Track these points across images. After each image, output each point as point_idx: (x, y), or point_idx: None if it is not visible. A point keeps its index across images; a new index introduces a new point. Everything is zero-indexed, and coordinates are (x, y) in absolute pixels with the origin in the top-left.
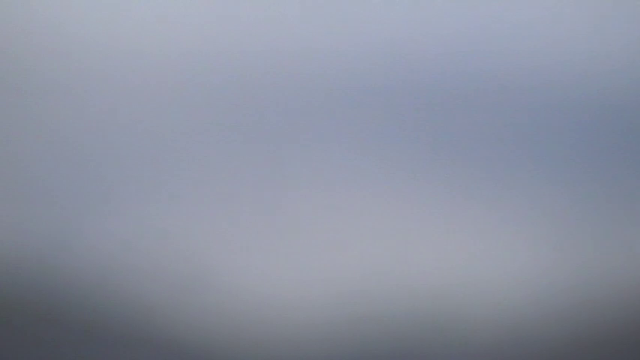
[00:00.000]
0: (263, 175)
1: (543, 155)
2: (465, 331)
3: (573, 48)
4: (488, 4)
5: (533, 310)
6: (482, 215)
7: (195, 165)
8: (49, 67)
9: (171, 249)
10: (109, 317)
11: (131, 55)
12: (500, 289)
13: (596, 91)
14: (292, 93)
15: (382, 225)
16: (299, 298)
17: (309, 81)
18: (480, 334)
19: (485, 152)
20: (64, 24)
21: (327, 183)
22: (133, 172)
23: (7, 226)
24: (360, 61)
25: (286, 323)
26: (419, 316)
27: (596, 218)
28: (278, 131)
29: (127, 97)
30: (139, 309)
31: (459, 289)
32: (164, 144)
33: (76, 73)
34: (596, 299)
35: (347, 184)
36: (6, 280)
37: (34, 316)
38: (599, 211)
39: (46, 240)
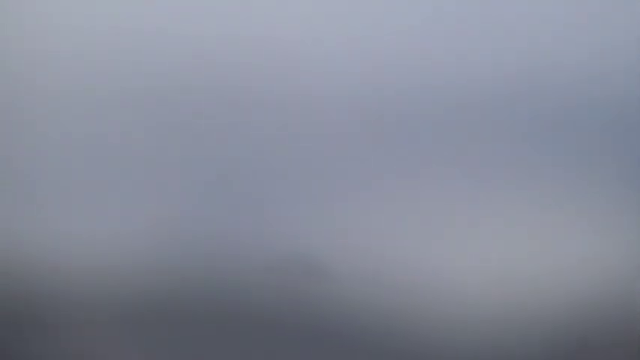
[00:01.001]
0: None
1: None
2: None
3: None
4: (489, 3)
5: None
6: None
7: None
8: (49, 68)
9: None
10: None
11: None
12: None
13: (603, 90)
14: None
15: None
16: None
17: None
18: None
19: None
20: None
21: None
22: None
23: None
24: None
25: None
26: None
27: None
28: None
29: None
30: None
31: None
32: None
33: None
34: (607, 299)
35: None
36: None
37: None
38: (606, 210)
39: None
